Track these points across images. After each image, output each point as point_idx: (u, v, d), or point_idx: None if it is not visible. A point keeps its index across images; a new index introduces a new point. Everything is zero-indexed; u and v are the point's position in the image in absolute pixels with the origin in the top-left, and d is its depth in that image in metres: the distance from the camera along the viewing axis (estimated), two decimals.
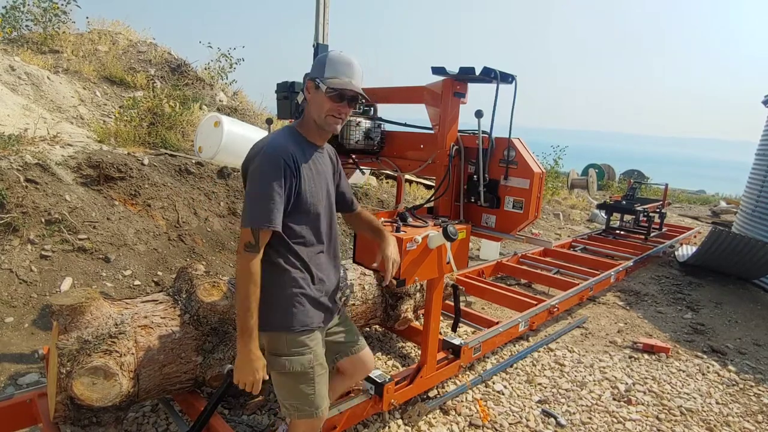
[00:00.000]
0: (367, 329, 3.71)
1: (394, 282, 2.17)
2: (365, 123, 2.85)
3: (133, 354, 2.03)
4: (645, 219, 7.58)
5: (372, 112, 2.98)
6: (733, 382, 3.47)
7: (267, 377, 1.67)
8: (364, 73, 1.71)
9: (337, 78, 1.63)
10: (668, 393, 3.25)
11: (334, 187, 1.88)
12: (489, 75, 2.45)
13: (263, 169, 1.56)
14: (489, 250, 6.20)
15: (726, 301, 5.20)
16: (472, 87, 2.64)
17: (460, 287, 3.38)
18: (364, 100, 1.75)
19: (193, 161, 5.41)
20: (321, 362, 1.79)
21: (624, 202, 8.02)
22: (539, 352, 3.72)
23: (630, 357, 3.74)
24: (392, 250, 1.94)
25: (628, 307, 4.87)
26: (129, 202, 4.67)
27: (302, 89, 1.73)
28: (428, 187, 8.20)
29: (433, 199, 2.74)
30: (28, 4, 7.65)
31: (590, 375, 3.41)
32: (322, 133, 1.74)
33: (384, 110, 3.07)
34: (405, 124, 2.96)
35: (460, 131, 2.72)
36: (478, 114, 2.51)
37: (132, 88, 7.28)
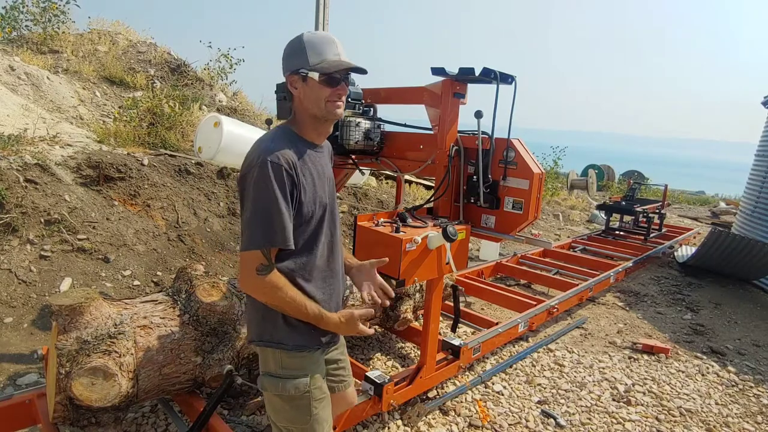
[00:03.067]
0: None
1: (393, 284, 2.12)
2: (365, 123, 2.85)
3: (132, 354, 2.03)
4: (644, 220, 7.59)
5: (372, 113, 2.98)
6: (733, 383, 3.47)
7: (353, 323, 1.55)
8: (366, 75, 1.54)
9: (326, 59, 1.43)
10: (668, 394, 3.25)
11: (335, 189, 1.67)
12: (489, 76, 2.45)
13: (266, 181, 1.37)
14: (488, 251, 6.20)
15: (725, 301, 5.20)
16: (471, 87, 2.65)
17: (460, 288, 3.38)
18: (357, 74, 1.52)
19: (193, 161, 5.41)
20: (319, 386, 1.58)
21: (623, 203, 8.02)
22: (539, 352, 3.72)
23: (629, 358, 3.74)
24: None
25: (627, 308, 4.87)
26: (128, 203, 4.67)
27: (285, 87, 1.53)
28: (428, 187, 8.21)
29: (432, 199, 2.74)
30: (28, 4, 7.65)
31: (590, 376, 3.41)
32: (321, 128, 1.54)
33: (384, 111, 3.07)
34: (405, 125, 2.96)
35: (459, 132, 2.72)
36: (478, 114, 2.51)
37: (132, 88, 7.28)
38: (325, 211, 1.55)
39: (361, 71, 1.50)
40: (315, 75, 1.42)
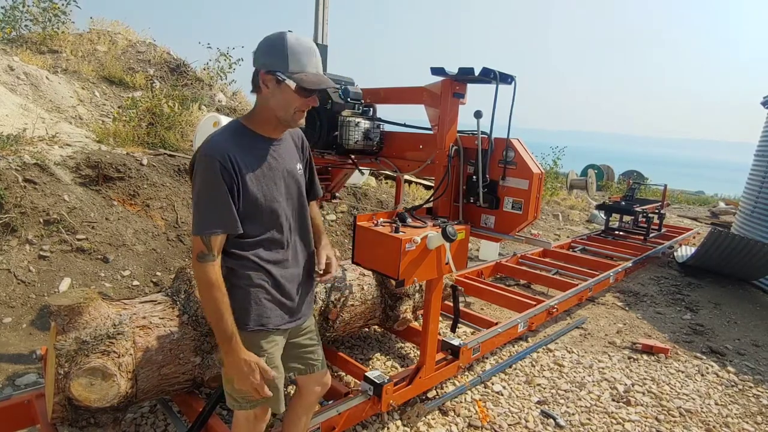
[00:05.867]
0: (366, 330, 3.70)
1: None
2: (364, 123, 2.85)
3: (131, 354, 2.02)
4: (644, 220, 7.59)
5: (371, 113, 2.97)
6: (732, 383, 3.47)
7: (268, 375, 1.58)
8: (366, 75, 1.63)
9: (305, 72, 1.49)
10: (667, 394, 3.24)
11: (301, 174, 1.73)
12: (488, 75, 2.45)
13: (202, 173, 1.47)
14: (488, 251, 6.20)
15: (725, 301, 5.20)
16: (471, 87, 2.64)
17: (459, 288, 3.37)
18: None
19: None
20: (275, 365, 1.68)
21: (623, 203, 8.02)
22: (538, 352, 3.72)
23: (629, 358, 3.74)
24: (330, 250, 1.90)
25: (627, 308, 4.87)
26: (128, 203, 4.66)
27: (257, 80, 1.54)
28: (427, 187, 8.20)
29: (432, 199, 2.74)
30: (28, 5, 7.64)
31: (589, 376, 3.41)
32: (281, 127, 1.62)
33: (384, 111, 3.07)
34: (404, 125, 2.96)
35: (459, 132, 2.72)
36: (477, 114, 2.51)
37: (131, 88, 7.27)
38: (281, 202, 1.63)
39: (334, 89, 1.66)
40: (292, 84, 1.48)
